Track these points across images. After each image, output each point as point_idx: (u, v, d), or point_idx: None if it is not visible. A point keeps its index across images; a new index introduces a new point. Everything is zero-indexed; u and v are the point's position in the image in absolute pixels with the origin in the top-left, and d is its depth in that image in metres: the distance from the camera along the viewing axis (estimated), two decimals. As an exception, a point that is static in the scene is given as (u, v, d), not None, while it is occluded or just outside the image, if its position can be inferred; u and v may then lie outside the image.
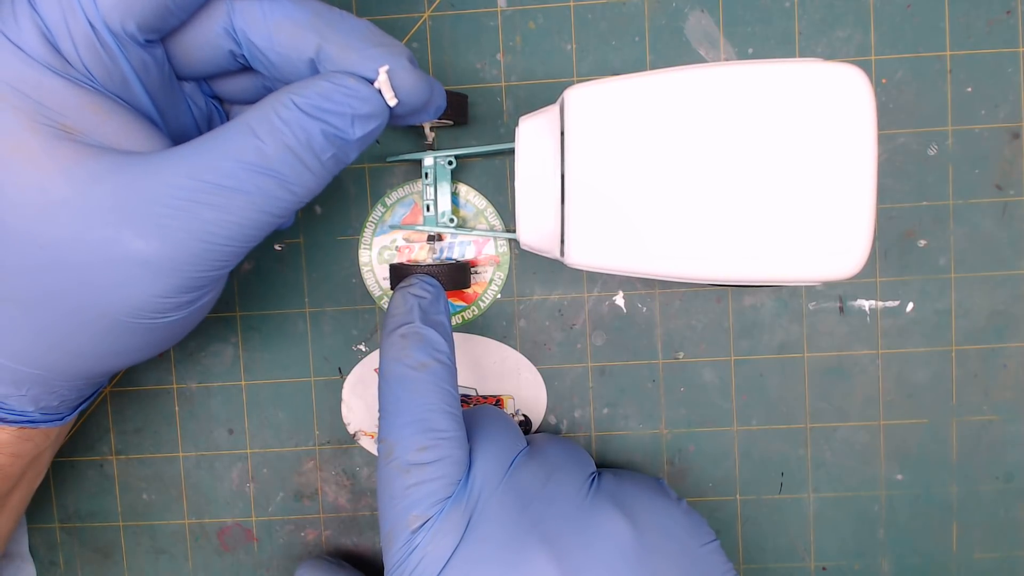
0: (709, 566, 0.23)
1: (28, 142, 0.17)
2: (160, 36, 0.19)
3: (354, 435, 0.29)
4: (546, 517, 0.22)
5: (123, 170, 0.18)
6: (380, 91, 0.19)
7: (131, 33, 0.18)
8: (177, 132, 0.22)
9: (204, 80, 0.23)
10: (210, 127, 0.23)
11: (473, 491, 0.22)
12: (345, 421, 0.29)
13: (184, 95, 0.22)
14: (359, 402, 0.29)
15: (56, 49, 0.18)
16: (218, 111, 0.23)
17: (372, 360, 0.29)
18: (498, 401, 0.29)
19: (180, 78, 0.21)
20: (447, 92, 0.26)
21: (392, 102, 0.19)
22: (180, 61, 0.20)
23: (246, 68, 0.21)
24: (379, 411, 0.23)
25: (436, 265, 0.26)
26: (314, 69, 0.19)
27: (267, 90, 0.22)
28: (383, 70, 0.19)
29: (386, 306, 0.29)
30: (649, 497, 0.24)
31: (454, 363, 0.24)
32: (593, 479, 0.24)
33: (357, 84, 0.19)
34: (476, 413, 0.25)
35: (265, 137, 0.18)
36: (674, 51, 0.28)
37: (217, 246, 0.18)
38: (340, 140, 0.19)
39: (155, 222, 0.18)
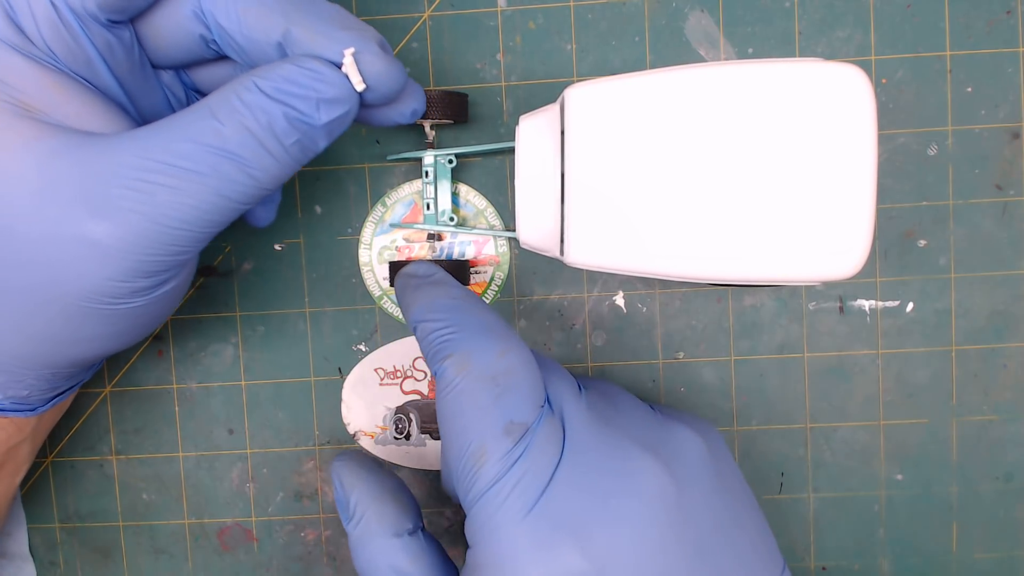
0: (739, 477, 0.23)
1: None
2: (126, 17, 0.19)
3: (354, 435, 0.29)
4: (633, 431, 0.21)
5: (81, 149, 0.18)
6: (348, 75, 0.19)
7: (92, 13, 0.18)
8: (152, 120, 0.21)
9: (183, 70, 0.22)
10: None
11: (556, 403, 0.21)
12: (345, 421, 0.29)
13: (160, 83, 0.21)
14: (359, 402, 0.29)
15: (18, 27, 0.18)
16: None
17: (372, 360, 0.29)
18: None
19: (157, 66, 0.21)
20: (447, 92, 0.26)
21: (359, 87, 0.19)
22: (152, 45, 0.20)
23: (223, 57, 0.21)
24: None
25: (435, 262, 0.26)
26: (282, 53, 0.19)
27: None
28: (348, 52, 0.19)
29: (386, 307, 0.29)
30: (681, 418, 0.24)
31: None
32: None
33: (323, 67, 0.18)
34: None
35: (224, 118, 0.18)
36: (674, 51, 0.28)
37: (172, 230, 0.18)
38: (305, 125, 0.18)
39: (109, 203, 0.17)
